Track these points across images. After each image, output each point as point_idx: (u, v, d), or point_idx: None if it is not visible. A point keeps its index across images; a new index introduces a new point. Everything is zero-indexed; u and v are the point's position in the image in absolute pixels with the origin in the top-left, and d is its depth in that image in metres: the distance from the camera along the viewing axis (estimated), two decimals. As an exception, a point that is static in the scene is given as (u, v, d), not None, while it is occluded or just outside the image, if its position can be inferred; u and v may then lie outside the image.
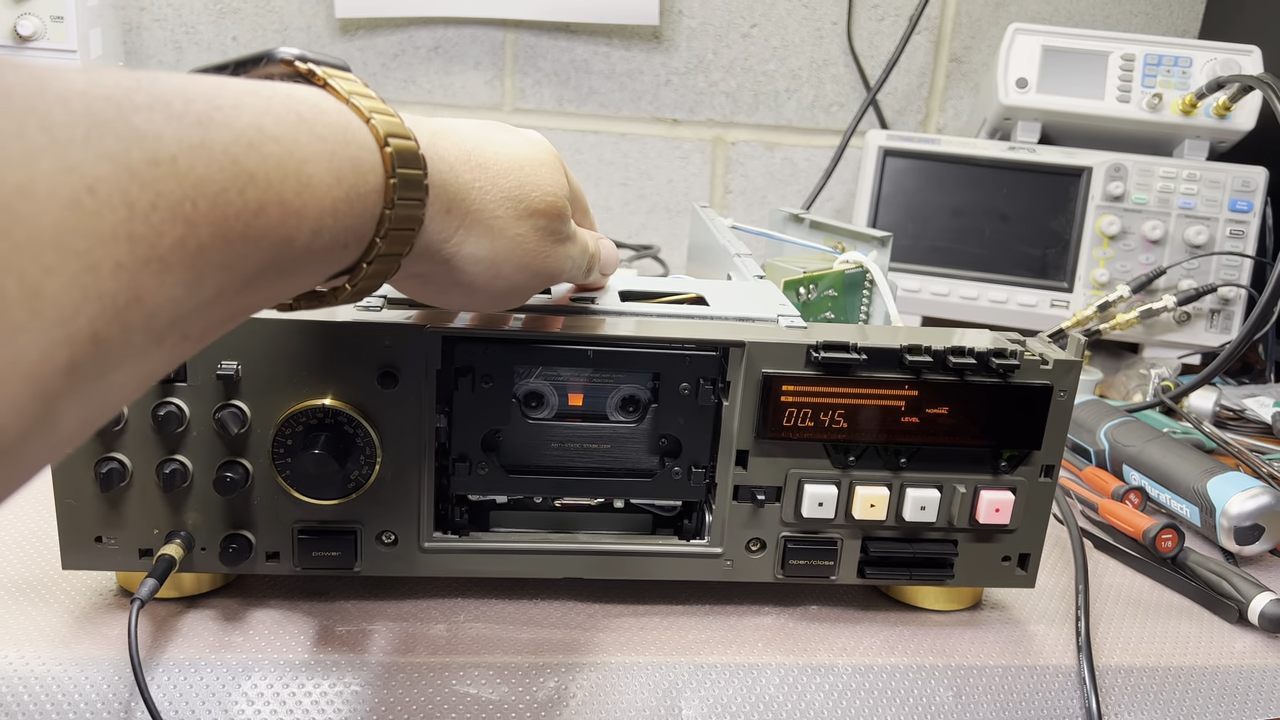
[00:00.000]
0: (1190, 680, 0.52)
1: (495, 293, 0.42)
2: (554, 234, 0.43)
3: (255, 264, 0.28)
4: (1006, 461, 0.52)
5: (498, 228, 0.40)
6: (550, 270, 0.44)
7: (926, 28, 1.17)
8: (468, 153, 0.40)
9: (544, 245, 0.43)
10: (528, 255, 0.42)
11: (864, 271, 0.75)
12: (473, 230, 0.39)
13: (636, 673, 0.49)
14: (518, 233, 0.41)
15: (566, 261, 0.45)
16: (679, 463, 0.51)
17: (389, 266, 0.36)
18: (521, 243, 0.41)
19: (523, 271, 0.42)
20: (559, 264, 0.44)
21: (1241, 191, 0.96)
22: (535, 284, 0.44)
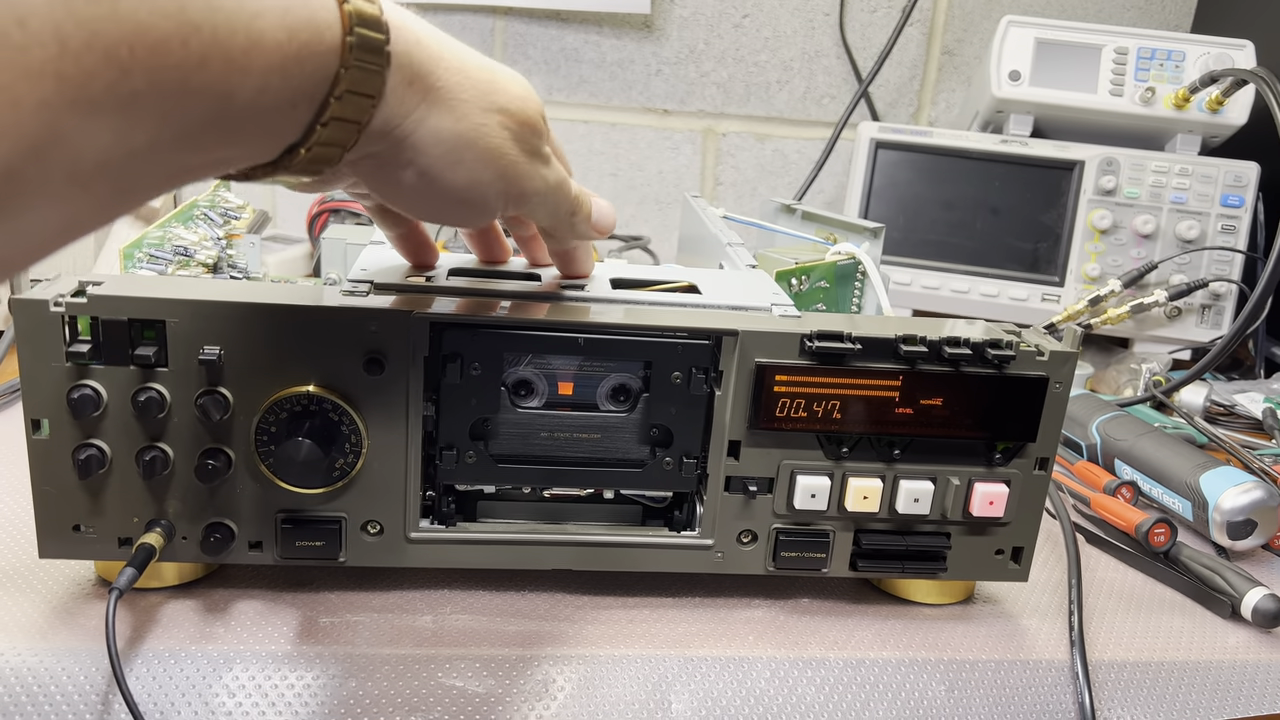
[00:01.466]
0: (1183, 675, 0.52)
1: (455, 185, 0.40)
2: (525, 143, 0.41)
3: (194, 118, 0.27)
4: (1001, 454, 0.51)
5: (463, 111, 0.38)
6: (517, 178, 0.42)
7: (919, 19, 1.17)
8: (439, 38, 0.38)
9: (512, 148, 0.41)
10: (493, 150, 0.40)
11: (856, 263, 0.74)
12: (435, 107, 0.38)
13: (625, 665, 0.48)
14: (483, 122, 0.39)
15: (537, 180, 0.43)
16: (670, 453, 0.50)
17: (346, 135, 0.34)
18: (487, 133, 0.39)
19: (486, 166, 0.40)
20: (527, 177, 0.42)
21: (1233, 186, 0.95)
22: (499, 187, 0.41)
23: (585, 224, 0.49)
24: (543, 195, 0.44)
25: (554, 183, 0.45)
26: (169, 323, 0.45)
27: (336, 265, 0.71)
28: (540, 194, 0.44)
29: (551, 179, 0.44)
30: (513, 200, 0.43)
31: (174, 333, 0.45)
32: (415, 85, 0.37)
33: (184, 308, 0.44)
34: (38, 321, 0.44)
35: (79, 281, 0.45)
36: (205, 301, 0.45)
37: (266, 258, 0.95)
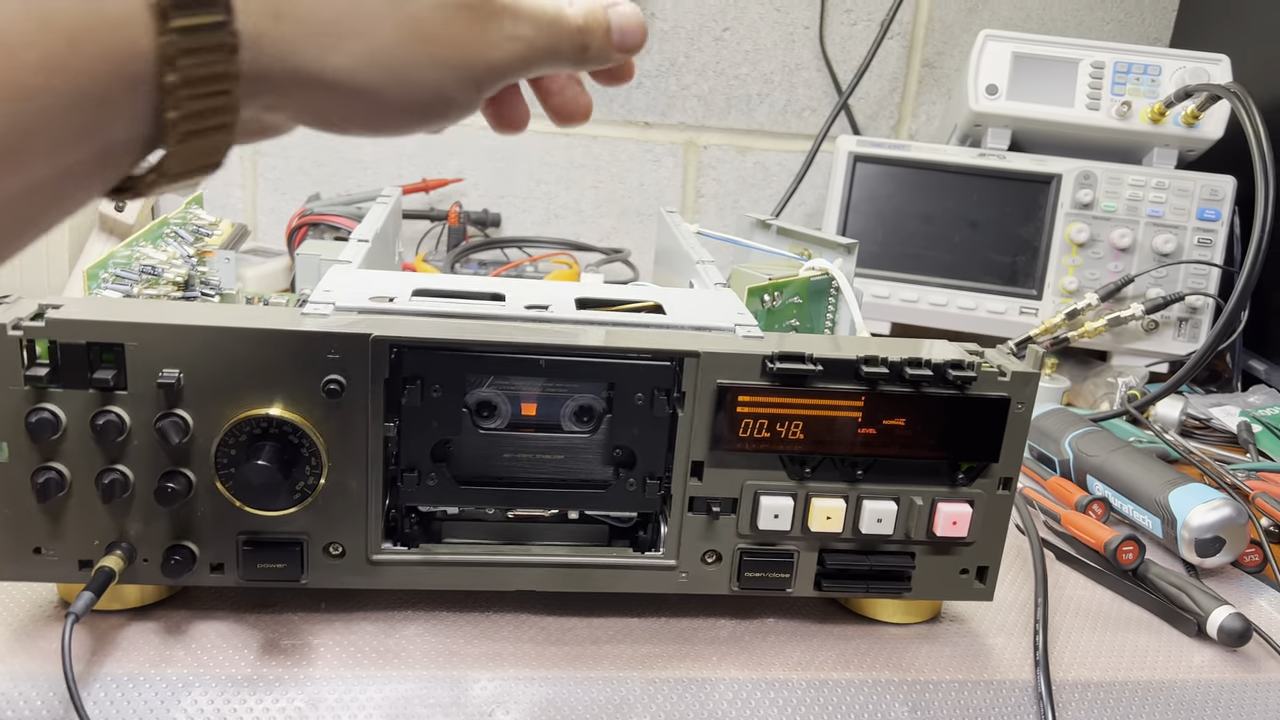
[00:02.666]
0: (1148, 695, 0.52)
1: (415, 103, 0.33)
2: (471, 8, 0.33)
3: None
4: (964, 474, 0.51)
5: (370, 20, 0.31)
6: (481, 60, 0.34)
7: (899, 33, 1.17)
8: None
9: (457, 27, 0.33)
10: (435, 44, 0.33)
11: (830, 279, 0.74)
12: (332, 34, 0.30)
13: (587, 687, 0.48)
14: (408, 15, 0.32)
15: (509, 45, 0.35)
16: (634, 474, 0.50)
17: (217, 107, 0.29)
18: (419, 28, 0.32)
19: (439, 68, 0.33)
20: (493, 50, 0.34)
21: (1210, 200, 0.96)
22: (467, 80, 0.34)
23: (606, 48, 0.39)
24: (526, 58, 0.36)
25: (536, 33, 0.36)
26: (128, 346, 0.44)
27: (311, 281, 0.71)
28: (522, 59, 0.36)
29: (529, 31, 0.36)
30: (489, 83, 0.35)
31: (133, 356, 0.45)
32: (285, 16, 0.30)
33: (143, 331, 0.44)
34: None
35: (38, 304, 0.45)
36: (164, 325, 0.45)
37: (245, 271, 0.94)
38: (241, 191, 1.16)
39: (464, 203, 1.15)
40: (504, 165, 1.17)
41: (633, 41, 0.40)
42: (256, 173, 1.15)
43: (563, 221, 1.20)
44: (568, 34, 0.37)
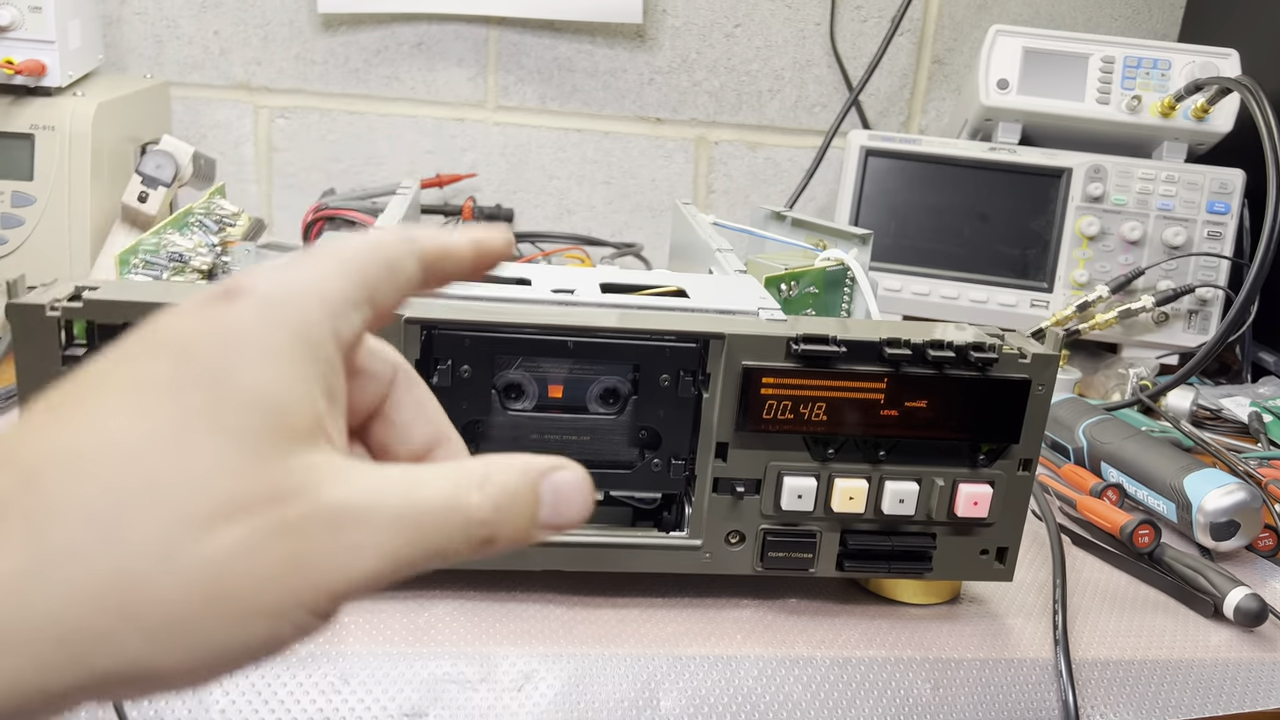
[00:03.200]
0: (1166, 673, 0.53)
1: (229, 662, 0.22)
2: (290, 530, 0.22)
3: None
4: (985, 455, 0.52)
5: (141, 591, 0.21)
6: (316, 591, 0.22)
7: (909, 29, 1.18)
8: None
9: (271, 562, 0.22)
10: (243, 596, 0.22)
11: (845, 269, 0.75)
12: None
13: (615, 664, 0.49)
14: (196, 571, 0.21)
15: (359, 562, 0.23)
16: (659, 455, 0.51)
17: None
18: (217, 583, 0.21)
19: (255, 619, 0.22)
20: (331, 574, 0.22)
21: (1219, 193, 0.96)
22: (298, 620, 0.22)
23: (527, 533, 0.26)
24: (385, 572, 0.23)
25: (395, 545, 0.23)
26: (164, 326, 0.45)
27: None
28: (378, 574, 0.23)
29: (387, 541, 0.23)
30: (333, 608, 0.23)
31: (169, 336, 0.45)
32: None
33: (179, 312, 0.45)
34: (34, 326, 0.45)
35: (75, 286, 0.46)
36: (200, 305, 0.45)
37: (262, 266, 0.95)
38: (256, 187, 1.17)
39: (477, 198, 1.16)
40: (517, 161, 1.18)
41: (569, 519, 0.26)
42: (271, 168, 1.16)
43: (575, 217, 1.20)
44: (461, 529, 0.24)
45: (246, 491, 0.22)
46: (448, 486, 0.24)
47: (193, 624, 0.21)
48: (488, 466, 0.25)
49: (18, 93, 0.81)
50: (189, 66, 1.12)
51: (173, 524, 0.21)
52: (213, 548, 0.21)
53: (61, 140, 0.80)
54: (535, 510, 0.26)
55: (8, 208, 0.79)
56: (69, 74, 0.83)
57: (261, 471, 0.22)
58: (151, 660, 0.21)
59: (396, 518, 0.23)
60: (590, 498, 0.27)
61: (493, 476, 0.25)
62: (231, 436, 0.22)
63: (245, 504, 0.22)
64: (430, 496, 0.24)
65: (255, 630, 0.22)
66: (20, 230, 0.79)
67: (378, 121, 1.16)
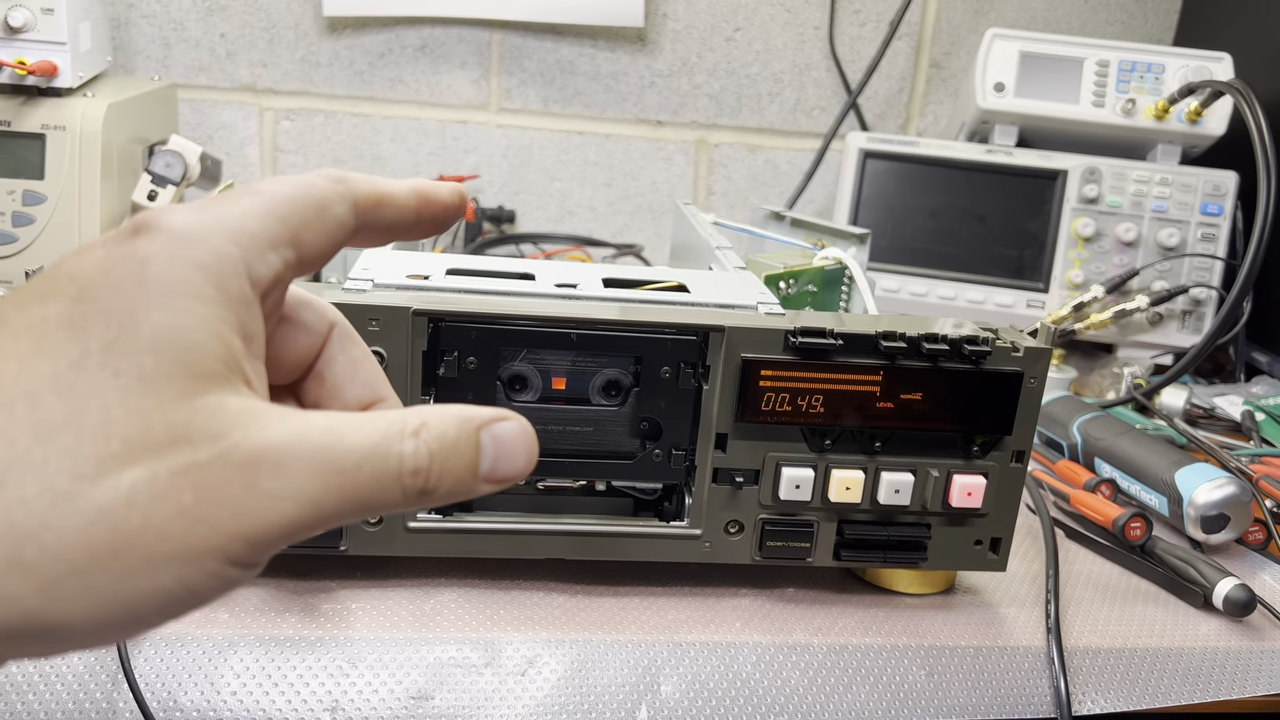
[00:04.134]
0: (1156, 662, 0.54)
1: (138, 616, 0.21)
2: (198, 470, 0.21)
3: None
4: (979, 447, 0.53)
5: (28, 544, 0.20)
6: (233, 539, 0.21)
7: (907, 33, 1.19)
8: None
9: (176, 508, 0.21)
10: (146, 544, 0.21)
11: (843, 268, 0.76)
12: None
13: (616, 650, 0.50)
14: (89, 516, 0.20)
15: (277, 509, 0.22)
16: (659, 445, 0.52)
17: None
18: (115, 531, 0.21)
19: (160, 568, 0.21)
20: (249, 519, 0.22)
21: (1213, 195, 0.98)
22: (212, 569, 0.21)
23: (465, 484, 0.25)
24: (308, 520, 0.23)
25: (318, 493, 0.22)
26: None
27: (336, 270, 0.73)
28: (301, 523, 0.22)
29: (310, 488, 0.22)
30: (252, 558, 0.22)
31: (182, 327, 0.46)
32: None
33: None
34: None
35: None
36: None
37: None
38: (261, 188, 1.18)
39: (480, 199, 1.17)
40: (519, 163, 1.19)
41: (511, 471, 0.25)
42: (276, 170, 1.17)
43: (576, 218, 1.22)
44: (393, 478, 0.23)
45: (146, 433, 0.21)
46: (376, 434, 0.23)
47: (92, 574, 0.20)
48: (423, 415, 0.24)
49: (29, 93, 0.82)
50: (195, 68, 1.13)
51: (67, 468, 0.20)
52: (110, 492, 0.20)
53: (72, 140, 0.81)
54: (475, 460, 0.24)
55: (19, 206, 0.80)
56: (79, 75, 0.84)
57: (164, 413, 0.21)
58: (49, 613, 0.20)
59: (318, 463, 0.22)
60: (534, 451, 0.25)
61: (429, 424, 0.24)
62: (132, 378, 0.21)
63: (145, 446, 0.21)
64: (357, 442, 0.23)
65: (162, 580, 0.21)
66: (31, 228, 0.81)
67: (381, 123, 1.17)
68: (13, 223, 0.81)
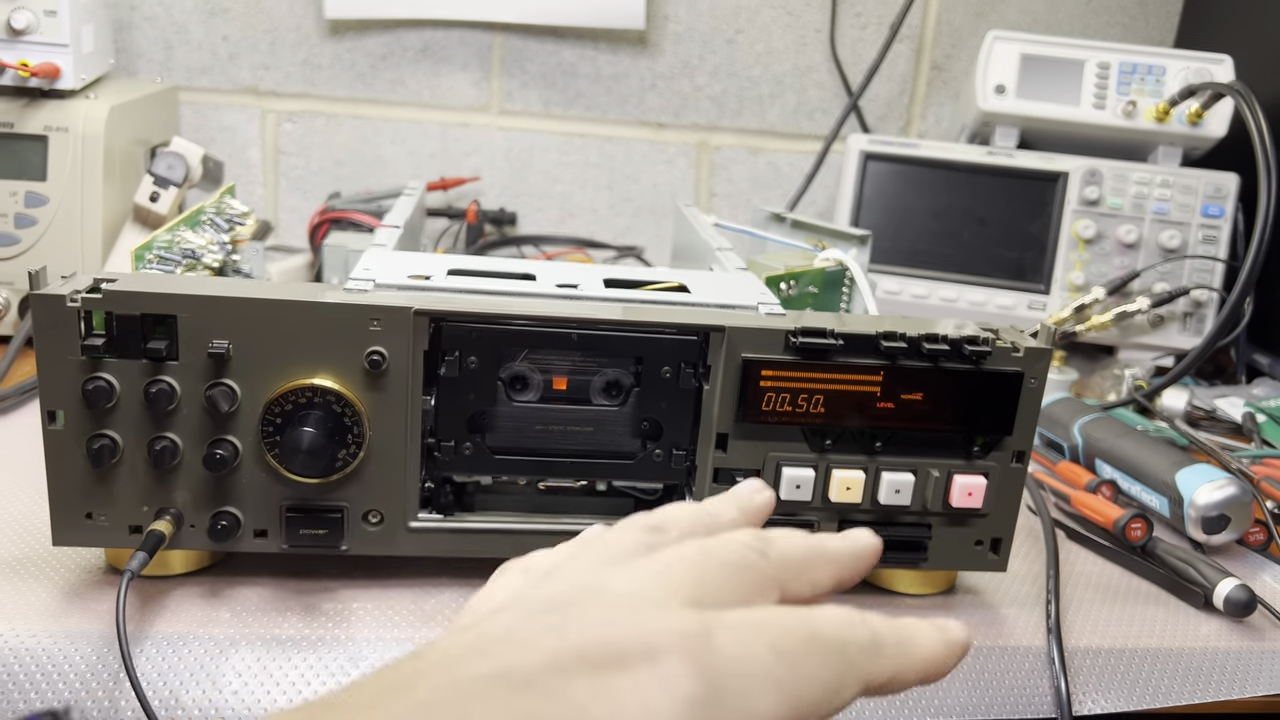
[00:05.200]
0: (1157, 662, 0.54)
1: None
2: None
3: None
4: (979, 447, 0.53)
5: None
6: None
7: (908, 36, 1.19)
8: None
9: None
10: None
11: (844, 269, 0.76)
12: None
13: (617, 650, 0.50)
14: None
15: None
16: (660, 445, 0.52)
17: None
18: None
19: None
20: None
21: (1214, 197, 0.98)
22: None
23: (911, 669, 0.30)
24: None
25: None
26: (180, 317, 0.47)
27: (338, 272, 0.73)
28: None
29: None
30: None
31: (185, 327, 0.47)
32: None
33: (195, 303, 0.47)
34: (55, 316, 0.46)
35: (94, 278, 0.48)
36: (215, 297, 0.47)
37: (269, 267, 0.97)
38: (264, 190, 1.18)
39: (481, 201, 1.17)
40: (520, 165, 1.19)
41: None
42: (278, 172, 1.18)
43: (577, 220, 1.22)
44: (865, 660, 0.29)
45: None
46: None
47: None
48: None
49: (32, 95, 0.82)
50: (198, 71, 1.14)
51: None
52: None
53: (75, 142, 0.81)
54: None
55: (22, 207, 0.81)
56: (82, 77, 0.85)
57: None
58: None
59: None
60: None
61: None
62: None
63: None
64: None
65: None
66: (34, 230, 0.81)
67: (383, 125, 1.17)
68: (15, 224, 0.81)
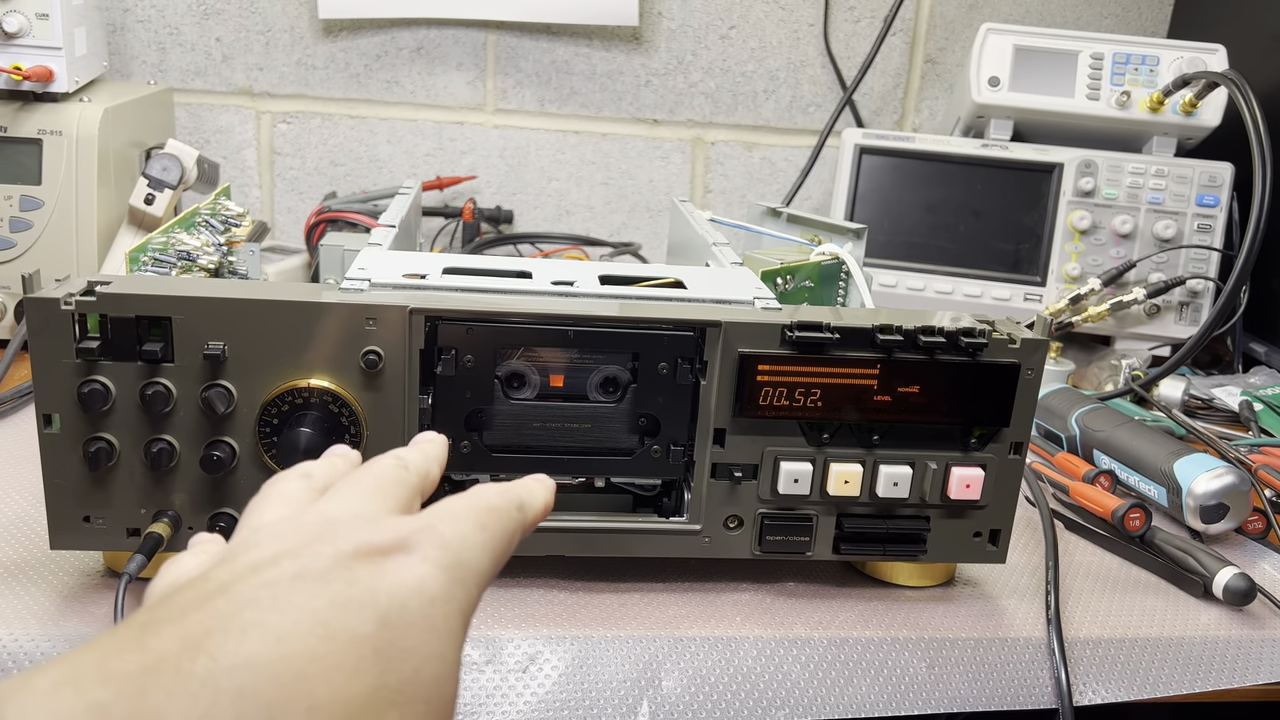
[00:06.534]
0: (1156, 651, 0.54)
1: None
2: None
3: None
4: (976, 439, 0.53)
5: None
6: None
7: (901, 29, 1.19)
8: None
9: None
10: None
11: (840, 263, 0.76)
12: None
13: (618, 646, 0.50)
14: None
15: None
16: (658, 441, 0.52)
17: None
18: None
19: None
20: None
21: (1208, 186, 0.98)
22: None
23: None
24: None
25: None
26: (175, 319, 0.47)
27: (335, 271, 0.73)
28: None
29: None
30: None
31: (179, 329, 0.47)
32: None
33: (189, 305, 0.46)
34: (49, 319, 0.46)
35: (88, 281, 0.47)
36: (209, 299, 0.47)
37: (266, 268, 0.97)
38: (259, 191, 1.18)
39: (477, 200, 1.17)
40: (516, 163, 1.19)
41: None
42: (274, 173, 1.17)
43: (573, 218, 1.22)
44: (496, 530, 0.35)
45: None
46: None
47: None
48: None
49: (25, 99, 0.82)
50: (192, 73, 1.13)
51: None
52: None
53: (69, 145, 0.81)
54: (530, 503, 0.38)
55: (16, 211, 0.80)
56: (75, 80, 0.84)
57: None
58: None
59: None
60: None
61: None
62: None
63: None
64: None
65: None
66: (29, 233, 0.81)
67: (378, 125, 1.17)
68: (10, 228, 0.81)
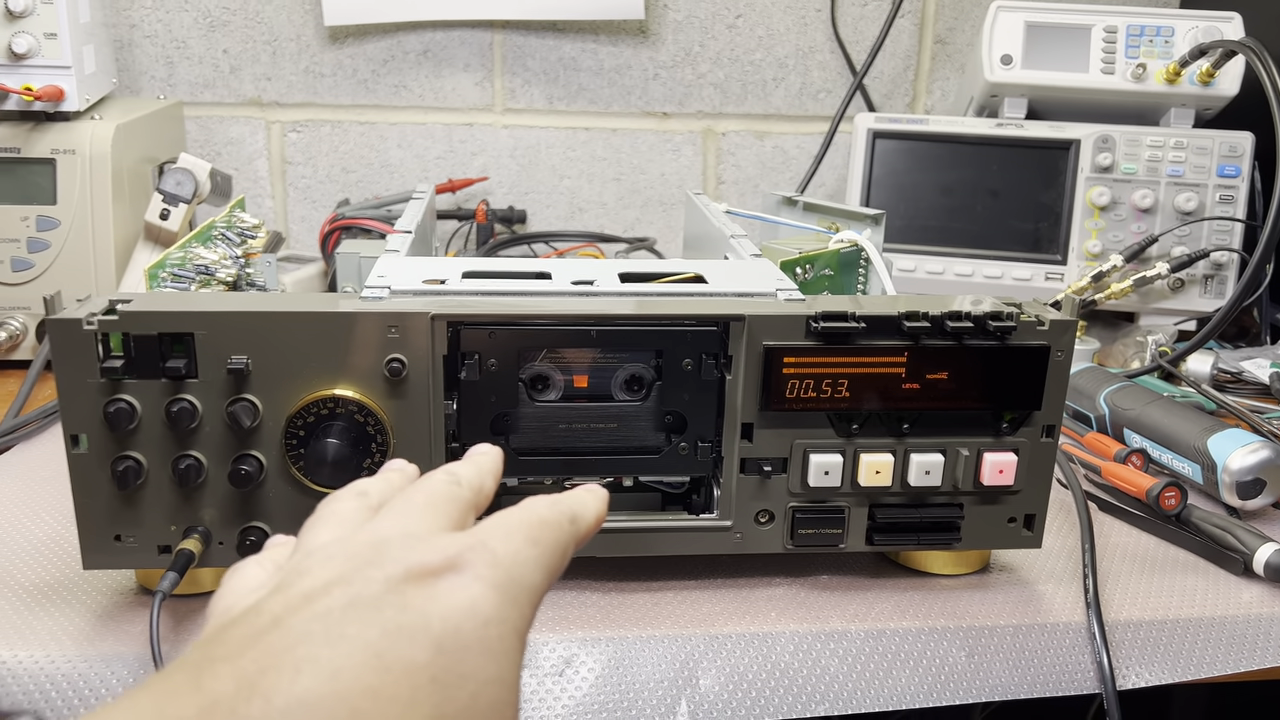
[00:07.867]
0: (1199, 631, 0.53)
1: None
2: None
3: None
4: (1008, 423, 0.53)
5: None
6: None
7: (910, 11, 1.18)
8: None
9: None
10: None
11: (859, 250, 0.75)
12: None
13: (654, 645, 0.50)
14: None
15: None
16: (685, 438, 0.52)
17: None
18: None
19: None
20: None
21: (1229, 156, 0.96)
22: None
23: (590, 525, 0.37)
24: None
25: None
26: (197, 335, 0.46)
27: (351, 279, 0.73)
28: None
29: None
30: None
31: (202, 344, 0.46)
32: None
33: (211, 320, 0.46)
34: (72, 340, 0.46)
35: (109, 300, 0.47)
36: (231, 313, 0.46)
37: (283, 277, 0.97)
38: (272, 201, 1.18)
39: (490, 201, 1.17)
40: (527, 163, 1.19)
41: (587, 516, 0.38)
42: (286, 182, 1.17)
43: (587, 215, 1.21)
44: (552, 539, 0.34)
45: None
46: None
47: None
48: None
49: (37, 119, 0.82)
50: (200, 86, 1.13)
51: None
52: None
53: (82, 163, 0.81)
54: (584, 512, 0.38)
55: (34, 232, 0.81)
56: (86, 98, 0.84)
57: None
58: None
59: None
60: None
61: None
62: None
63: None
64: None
65: None
66: (47, 253, 0.81)
67: (388, 130, 1.17)
68: (29, 249, 0.81)
